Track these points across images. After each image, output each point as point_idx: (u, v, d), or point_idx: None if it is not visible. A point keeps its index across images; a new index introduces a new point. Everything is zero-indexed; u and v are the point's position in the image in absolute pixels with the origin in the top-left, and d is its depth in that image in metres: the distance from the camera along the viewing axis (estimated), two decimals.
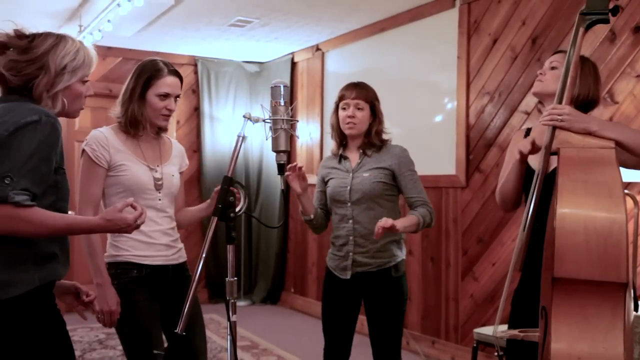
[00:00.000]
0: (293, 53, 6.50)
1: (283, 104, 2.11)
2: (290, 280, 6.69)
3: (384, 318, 2.89)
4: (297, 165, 2.79)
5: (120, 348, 4.73)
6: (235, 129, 6.61)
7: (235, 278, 2.00)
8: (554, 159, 2.10)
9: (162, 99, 2.53)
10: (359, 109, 2.90)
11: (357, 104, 2.90)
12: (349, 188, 2.90)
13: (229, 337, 1.96)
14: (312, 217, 2.98)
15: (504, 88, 4.24)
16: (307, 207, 2.96)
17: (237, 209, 2.03)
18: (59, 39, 1.93)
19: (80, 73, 1.96)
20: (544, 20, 3.97)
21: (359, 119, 2.90)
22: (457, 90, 4.57)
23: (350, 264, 2.89)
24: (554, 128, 2.10)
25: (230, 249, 2.01)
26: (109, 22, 4.97)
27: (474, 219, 4.44)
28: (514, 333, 2.23)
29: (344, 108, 2.92)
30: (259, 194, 6.93)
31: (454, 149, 4.58)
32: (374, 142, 2.94)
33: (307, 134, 6.30)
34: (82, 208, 2.45)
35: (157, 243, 2.53)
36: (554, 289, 1.79)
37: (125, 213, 1.89)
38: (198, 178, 6.71)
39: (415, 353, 4.78)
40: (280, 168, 2.17)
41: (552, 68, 2.46)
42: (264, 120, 2.11)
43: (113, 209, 1.89)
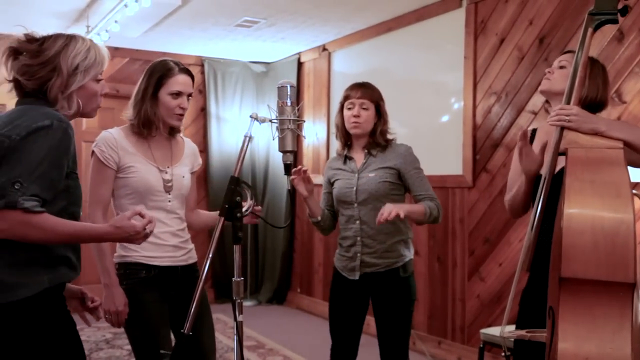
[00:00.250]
0: (299, 53, 6.51)
1: (290, 104, 2.11)
2: (297, 280, 6.69)
3: (393, 318, 2.89)
4: (302, 169, 2.79)
5: (127, 348, 4.75)
6: (242, 129, 6.62)
7: (242, 278, 2.00)
8: (562, 159, 2.10)
9: (174, 98, 2.53)
10: (364, 109, 2.90)
11: (362, 104, 2.90)
12: (355, 189, 2.90)
13: (236, 337, 1.96)
14: (319, 219, 2.98)
15: (511, 88, 4.23)
16: (313, 209, 2.96)
17: (244, 209, 2.03)
18: (69, 40, 1.93)
19: (93, 71, 1.96)
20: (551, 20, 3.96)
21: (364, 119, 2.90)
22: (463, 90, 4.57)
23: (359, 265, 2.89)
24: (562, 128, 2.09)
25: (237, 249, 2.01)
26: (116, 22, 4.98)
27: (481, 219, 4.43)
28: (521, 333, 2.22)
29: (349, 108, 2.92)
30: (266, 194, 6.93)
31: (461, 149, 4.58)
32: (379, 142, 2.93)
33: (313, 134, 6.30)
34: (91, 209, 2.46)
35: (165, 244, 2.53)
36: (561, 289, 1.79)
37: (134, 221, 1.89)
38: (205, 178, 6.72)
39: (422, 353, 4.77)
40: (287, 168, 2.17)
41: (560, 67, 2.45)
42: (271, 121, 2.11)
43: (122, 217, 1.89)
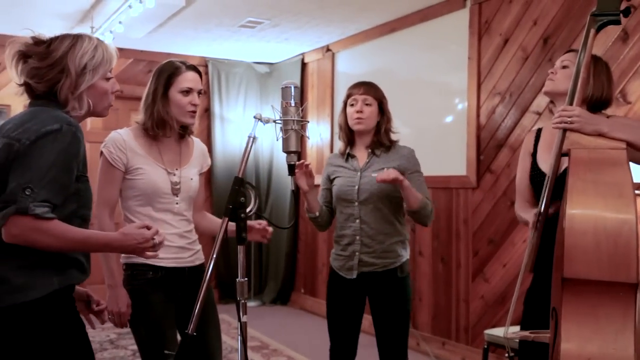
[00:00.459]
0: (303, 54, 6.51)
1: (293, 105, 2.11)
2: (301, 281, 6.69)
3: (392, 318, 2.90)
4: (304, 163, 2.78)
5: (131, 348, 4.77)
6: (246, 130, 6.63)
7: (246, 279, 2.00)
8: (566, 160, 2.09)
9: (185, 95, 2.52)
10: (367, 105, 2.90)
11: (365, 100, 2.90)
12: (357, 187, 2.89)
13: (240, 337, 1.96)
14: (317, 214, 2.96)
15: (515, 88, 4.22)
16: (312, 204, 2.94)
17: (247, 210, 2.03)
18: (76, 39, 1.93)
19: (102, 70, 1.95)
20: (556, 20, 3.96)
21: (367, 115, 2.90)
22: (467, 91, 4.56)
23: (357, 264, 2.89)
24: (565, 129, 2.09)
25: (241, 250, 2.01)
26: (121, 23, 4.99)
27: (485, 220, 4.43)
28: (525, 334, 2.23)
29: (352, 104, 2.93)
30: (269, 195, 6.93)
31: (465, 150, 4.57)
32: (383, 141, 2.93)
33: (317, 135, 6.30)
34: (98, 209, 2.46)
35: (172, 246, 2.53)
36: (564, 290, 1.79)
37: (144, 231, 1.91)
38: (208, 179, 6.72)
39: (426, 354, 4.77)
40: (291, 169, 2.17)
41: (563, 67, 2.45)
42: (275, 121, 2.11)
43: (131, 226, 1.92)
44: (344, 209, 2.94)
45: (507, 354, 2.44)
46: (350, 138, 3.00)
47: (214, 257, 1.95)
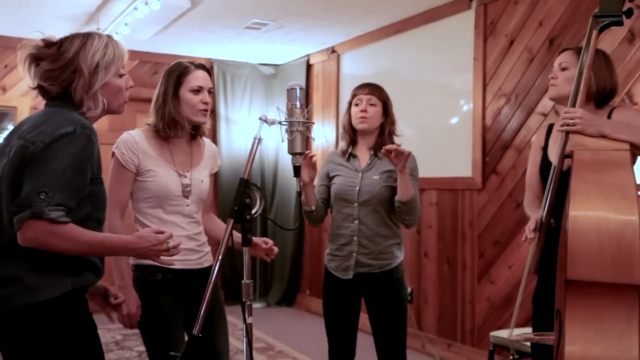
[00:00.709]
0: (308, 55, 6.51)
1: (299, 106, 2.10)
2: (306, 283, 6.69)
3: (389, 319, 2.90)
4: (309, 154, 2.74)
5: (137, 349, 4.78)
6: (251, 131, 6.61)
7: (251, 280, 2.01)
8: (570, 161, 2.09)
9: (195, 94, 2.52)
10: (372, 105, 2.91)
11: (369, 100, 2.91)
12: (358, 188, 2.89)
13: (245, 339, 1.96)
14: (313, 208, 2.93)
15: (521, 90, 4.22)
16: (310, 197, 2.91)
17: (253, 211, 2.03)
18: (86, 39, 1.93)
19: (114, 67, 1.95)
20: (561, 21, 3.95)
21: (371, 114, 2.91)
22: (473, 92, 4.56)
23: (353, 264, 2.89)
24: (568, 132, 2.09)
25: (246, 251, 2.02)
26: (126, 25, 5.01)
27: (490, 222, 4.42)
28: (529, 336, 2.22)
29: (357, 104, 2.93)
30: (275, 196, 6.94)
31: (470, 151, 4.57)
32: (386, 143, 2.92)
33: (322, 136, 6.30)
34: (109, 210, 2.46)
35: (181, 248, 2.53)
36: (568, 292, 1.79)
37: (158, 234, 1.93)
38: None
39: (431, 356, 4.77)
40: (296, 170, 2.16)
41: (562, 69, 2.44)
42: (280, 123, 2.11)
43: (144, 230, 1.96)
44: (343, 209, 2.93)
45: (511, 356, 2.44)
46: (353, 138, 3.00)
47: (220, 258, 1.96)
